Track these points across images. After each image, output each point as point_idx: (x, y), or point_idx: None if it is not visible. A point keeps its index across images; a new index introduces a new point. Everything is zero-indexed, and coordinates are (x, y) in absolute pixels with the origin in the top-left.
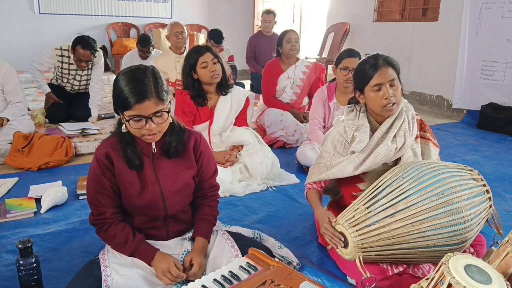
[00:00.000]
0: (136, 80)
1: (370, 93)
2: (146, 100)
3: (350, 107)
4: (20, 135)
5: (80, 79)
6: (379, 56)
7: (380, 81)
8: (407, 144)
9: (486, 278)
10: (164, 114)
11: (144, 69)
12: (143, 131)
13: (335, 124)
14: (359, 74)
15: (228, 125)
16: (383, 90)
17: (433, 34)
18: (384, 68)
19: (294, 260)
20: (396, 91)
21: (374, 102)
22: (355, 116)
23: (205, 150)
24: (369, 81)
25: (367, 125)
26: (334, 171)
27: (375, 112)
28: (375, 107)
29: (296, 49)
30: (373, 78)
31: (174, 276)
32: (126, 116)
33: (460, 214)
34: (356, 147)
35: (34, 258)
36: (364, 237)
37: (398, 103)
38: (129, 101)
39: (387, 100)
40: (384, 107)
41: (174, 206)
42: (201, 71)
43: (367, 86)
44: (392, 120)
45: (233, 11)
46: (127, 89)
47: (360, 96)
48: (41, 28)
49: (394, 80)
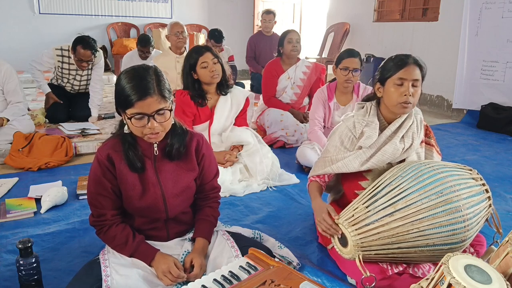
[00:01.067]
0: (138, 78)
1: (391, 87)
2: (148, 97)
3: (361, 104)
4: (20, 135)
5: (80, 79)
6: (411, 55)
7: (405, 76)
8: (414, 145)
9: (486, 278)
10: (166, 112)
11: (146, 67)
12: (145, 130)
13: (345, 119)
14: (386, 66)
15: (228, 125)
16: (405, 86)
17: (433, 34)
18: (413, 66)
19: (294, 260)
20: (416, 92)
21: (392, 96)
22: (365, 112)
23: (207, 152)
24: (394, 74)
25: (376, 122)
26: (340, 165)
27: (389, 108)
28: (391, 102)
29: (297, 49)
30: (399, 72)
31: (174, 277)
32: (128, 115)
33: (459, 212)
34: (364, 142)
35: (34, 258)
36: (363, 236)
37: (413, 105)
38: (131, 98)
39: (405, 97)
40: (400, 104)
41: (175, 208)
42: (201, 71)
43: (390, 79)
44: (402, 120)
45: (233, 11)
46: (129, 87)
47: (379, 89)
48: (41, 28)
49: (418, 81)
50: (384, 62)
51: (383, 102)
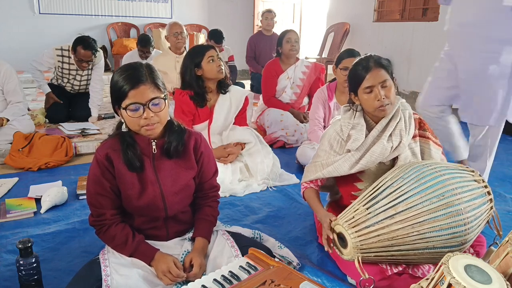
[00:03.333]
0: (130, 69)
1: (363, 95)
2: (141, 85)
3: (347, 106)
4: (20, 135)
5: (80, 79)
6: (370, 57)
7: (371, 83)
8: (403, 143)
9: (486, 278)
10: (161, 102)
11: (139, 63)
12: (141, 121)
13: (332, 123)
14: (352, 77)
15: (227, 125)
16: (374, 92)
17: (433, 34)
18: (375, 70)
19: (294, 260)
20: (389, 92)
21: (367, 103)
22: (351, 115)
23: (205, 151)
24: (361, 83)
25: (363, 124)
26: (330, 169)
27: (370, 113)
28: (369, 108)
29: (296, 49)
30: (364, 81)
31: (174, 276)
32: (123, 107)
33: (460, 216)
34: (351, 145)
35: (34, 258)
36: (363, 238)
37: (392, 103)
38: (124, 88)
39: (379, 102)
40: (377, 108)
41: (174, 207)
42: (208, 65)
43: (359, 88)
44: (387, 120)
45: (233, 11)
46: (121, 78)
47: (354, 97)
48: (41, 28)
49: (386, 81)
50: (349, 73)
51: (363, 107)
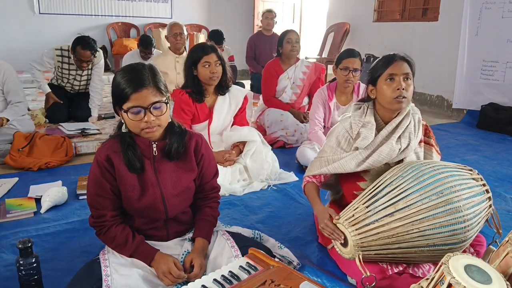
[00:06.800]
0: (133, 71)
1: (383, 85)
2: (143, 89)
3: (358, 104)
4: (20, 135)
5: (80, 79)
6: (396, 53)
7: (395, 71)
8: (411, 146)
9: (486, 278)
10: (162, 106)
11: (141, 64)
12: (142, 124)
13: (342, 120)
14: (375, 67)
15: (227, 124)
16: (396, 81)
17: (433, 34)
18: (400, 61)
19: (294, 260)
20: (409, 87)
21: (385, 93)
22: (362, 113)
23: (206, 152)
24: (383, 72)
25: (373, 123)
26: (336, 165)
27: (385, 106)
28: (385, 99)
29: (297, 49)
30: (388, 68)
31: (174, 277)
32: (124, 109)
33: (459, 213)
34: (360, 143)
35: (34, 258)
36: (363, 236)
37: (408, 100)
38: (126, 91)
39: (399, 91)
40: (394, 99)
41: (174, 208)
42: (202, 69)
43: (380, 77)
44: (399, 120)
45: (233, 11)
46: (124, 80)
47: (372, 90)
48: (41, 28)
49: (409, 75)
50: (372, 66)
51: (378, 103)
